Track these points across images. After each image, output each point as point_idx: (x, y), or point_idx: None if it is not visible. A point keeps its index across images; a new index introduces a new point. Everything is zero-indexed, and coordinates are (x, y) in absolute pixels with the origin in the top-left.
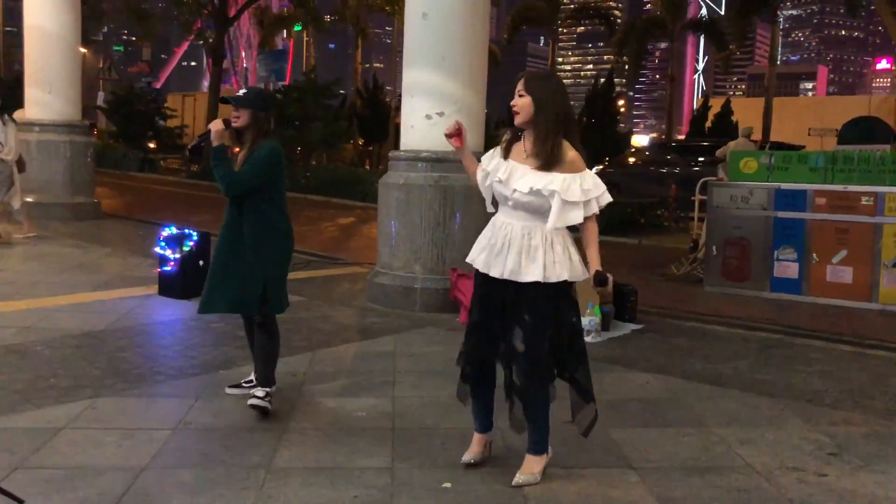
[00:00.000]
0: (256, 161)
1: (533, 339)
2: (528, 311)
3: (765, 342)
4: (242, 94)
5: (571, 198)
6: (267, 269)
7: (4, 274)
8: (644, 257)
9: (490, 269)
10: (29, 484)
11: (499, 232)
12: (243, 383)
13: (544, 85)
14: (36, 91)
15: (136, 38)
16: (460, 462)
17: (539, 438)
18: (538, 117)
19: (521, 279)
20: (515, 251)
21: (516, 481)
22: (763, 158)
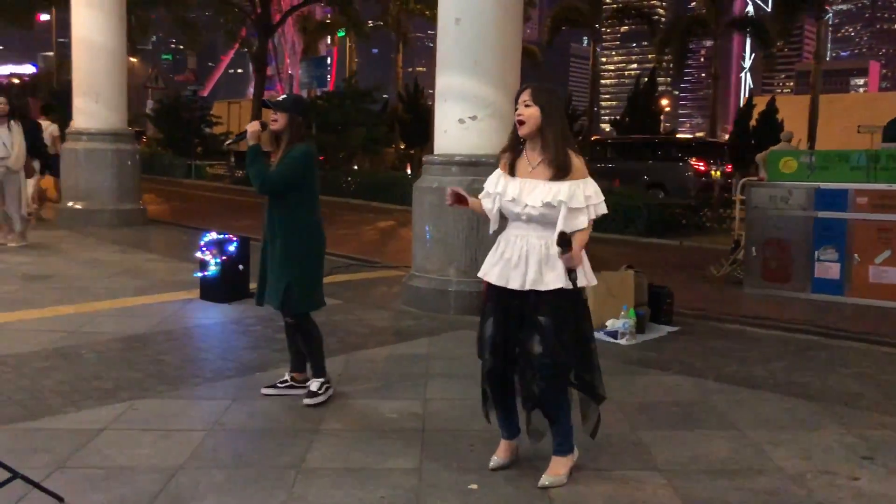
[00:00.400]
0: (289, 162)
1: (552, 342)
2: (547, 316)
3: (803, 344)
4: (281, 99)
5: (576, 204)
6: (292, 267)
7: (53, 280)
8: (685, 259)
9: (508, 281)
10: (69, 483)
11: (513, 245)
12: (278, 384)
13: (550, 97)
14: (83, 100)
15: (182, 47)
16: (489, 467)
17: (563, 439)
18: (547, 128)
19: (543, 288)
20: (535, 262)
21: (542, 483)
22: (803, 158)
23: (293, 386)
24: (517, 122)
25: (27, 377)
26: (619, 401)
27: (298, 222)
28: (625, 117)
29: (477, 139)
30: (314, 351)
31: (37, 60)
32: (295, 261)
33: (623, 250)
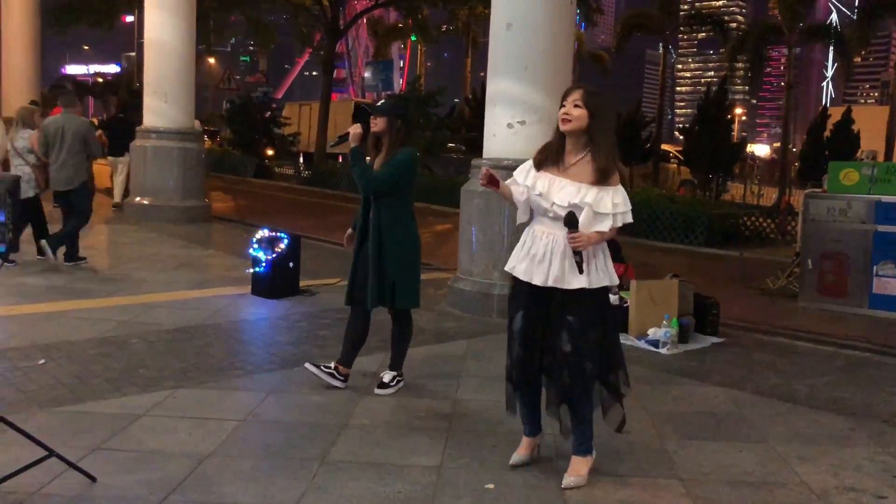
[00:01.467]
0: (395, 164)
1: (579, 341)
2: (574, 315)
3: (851, 360)
4: (381, 103)
5: (602, 210)
6: (400, 266)
7: (114, 272)
8: (743, 270)
9: (532, 277)
10: (104, 464)
11: (539, 241)
12: (322, 366)
13: (603, 102)
14: (153, 100)
15: (258, 49)
16: (509, 463)
17: (585, 440)
18: (598, 134)
19: (567, 286)
20: (559, 259)
21: (566, 483)
22: (865, 170)
23: (333, 375)
24: (562, 119)
25: (78, 363)
26: (650, 409)
27: (403, 223)
28: (694, 126)
29: (525, 144)
30: (404, 345)
31: (121, 60)
32: (402, 259)
33: (680, 260)
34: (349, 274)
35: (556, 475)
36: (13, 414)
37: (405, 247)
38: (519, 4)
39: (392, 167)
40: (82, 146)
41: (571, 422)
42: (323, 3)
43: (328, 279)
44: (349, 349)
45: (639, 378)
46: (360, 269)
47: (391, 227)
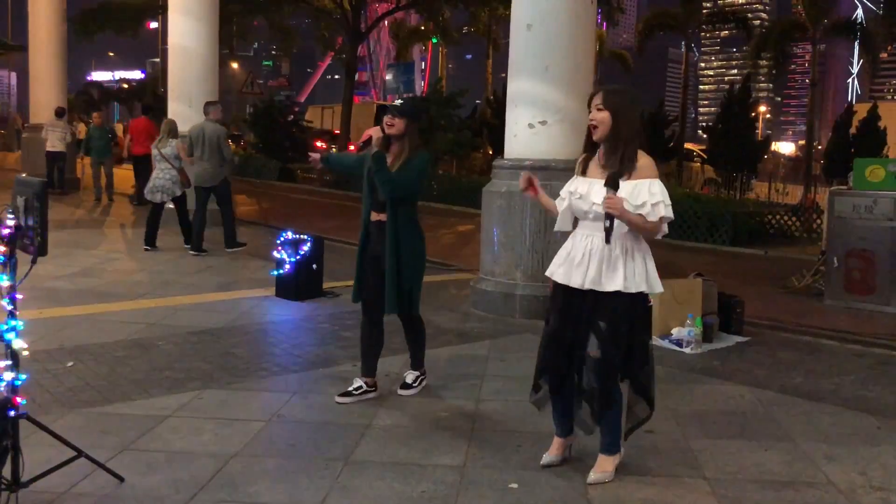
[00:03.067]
0: (417, 168)
1: (608, 345)
2: (605, 319)
3: (879, 359)
4: (399, 104)
5: (636, 201)
6: (415, 270)
7: (141, 275)
8: (768, 268)
9: (570, 279)
10: (131, 464)
11: (579, 244)
12: (353, 391)
13: (621, 98)
14: (177, 104)
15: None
16: (539, 464)
17: (612, 439)
18: (616, 129)
19: (602, 289)
20: (597, 261)
21: (590, 479)
22: (891, 166)
23: (366, 392)
24: (590, 126)
25: (106, 365)
26: (675, 408)
27: (416, 226)
28: (718, 124)
29: (546, 144)
30: (422, 344)
31: (145, 66)
32: (418, 263)
33: (705, 259)
34: (355, 272)
35: (580, 475)
36: (43, 415)
37: (418, 253)
38: (539, 5)
39: (416, 172)
40: (217, 148)
41: (598, 422)
42: (344, 6)
43: (351, 281)
44: (370, 358)
45: (663, 377)
46: (369, 272)
47: (407, 232)
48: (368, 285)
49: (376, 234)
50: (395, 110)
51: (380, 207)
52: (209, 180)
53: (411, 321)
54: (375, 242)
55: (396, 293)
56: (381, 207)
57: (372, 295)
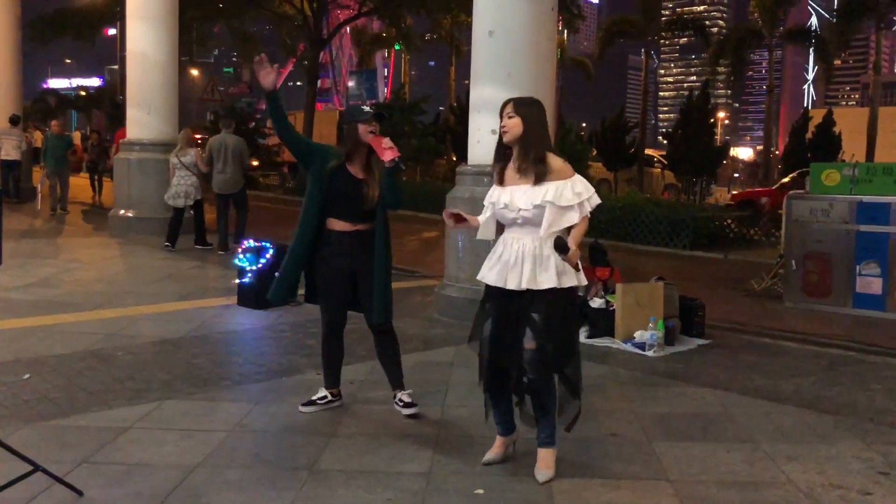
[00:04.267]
0: None
1: (543, 337)
2: (539, 313)
3: (837, 359)
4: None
5: (564, 203)
6: (389, 279)
7: (99, 285)
8: (728, 272)
9: (506, 282)
10: (91, 477)
11: (510, 247)
12: (318, 401)
13: (531, 107)
14: (136, 112)
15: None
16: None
17: (551, 431)
18: (527, 136)
19: (537, 287)
20: (530, 262)
21: (543, 478)
22: (846, 170)
23: (331, 402)
24: (501, 132)
25: (64, 376)
26: (638, 411)
27: (389, 236)
28: (677, 130)
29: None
30: (399, 359)
31: (103, 73)
32: (391, 273)
33: (665, 263)
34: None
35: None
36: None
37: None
38: (500, 12)
39: None
40: (239, 159)
41: (536, 414)
42: (306, 13)
43: None
44: (334, 370)
45: (626, 380)
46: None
47: (387, 241)
48: (336, 298)
49: (350, 245)
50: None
51: (359, 218)
52: (231, 188)
53: (390, 334)
54: (347, 254)
55: (385, 302)
56: (360, 217)
57: (340, 307)
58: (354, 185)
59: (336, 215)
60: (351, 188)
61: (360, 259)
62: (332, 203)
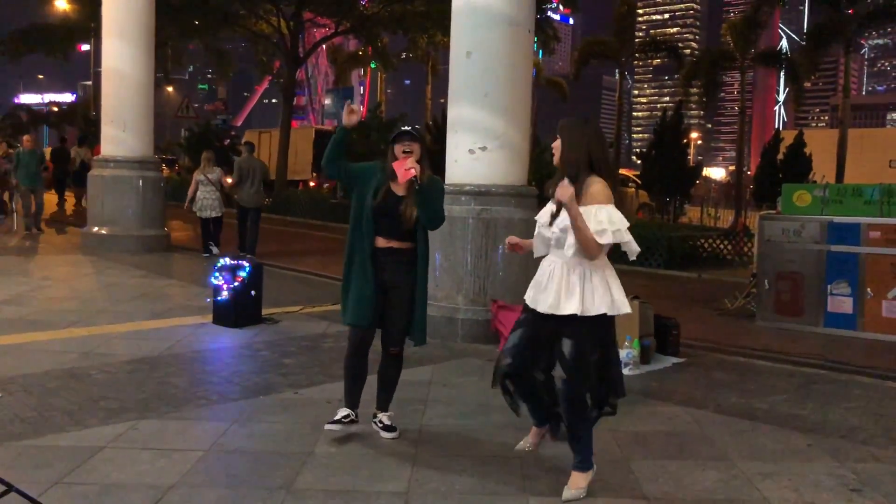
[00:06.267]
0: (441, 195)
1: (572, 370)
2: (568, 344)
3: (809, 378)
4: (417, 129)
5: None
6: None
7: (72, 303)
8: (702, 291)
9: (537, 304)
10: (65, 498)
11: (543, 269)
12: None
13: (574, 129)
14: (111, 129)
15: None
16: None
17: (583, 457)
18: (565, 157)
19: (560, 312)
20: (555, 286)
21: (565, 496)
22: (817, 191)
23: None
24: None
25: (36, 396)
26: (614, 429)
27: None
28: (651, 150)
29: (486, 169)
30: (397, 383)
31: (76, 89)
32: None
33: (640, 282)
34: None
35: (526, 494)
36: None
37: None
38: (478, 33)
39: (441, 197)
40: (263, 178)
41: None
42: (282, 31)
43: (291, 307)
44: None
45: None
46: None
47: (427, 261)
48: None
49: (384, 263)
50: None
51: (396, 235)
52: (255, 203)
53: (400, 357)
54: (385, 270)
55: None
56: (398, 235)
57: (368, 323)
58: (394, 203)
59: (378, 232)
60: (391, 206)
61: (393, 278)
62: (376, 221)
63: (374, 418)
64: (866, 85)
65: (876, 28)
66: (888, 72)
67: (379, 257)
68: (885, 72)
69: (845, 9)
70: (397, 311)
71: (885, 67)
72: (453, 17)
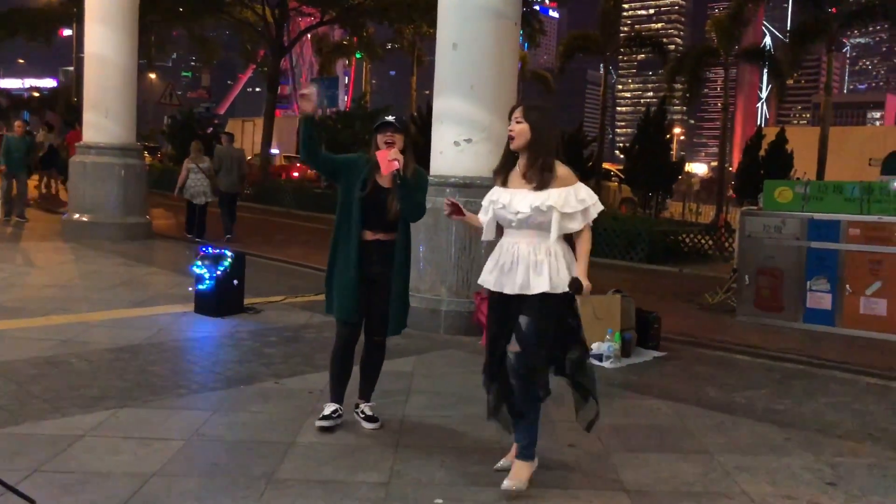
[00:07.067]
0: (424, 185)
1: (528, 342)
2: (528, 316)
3: (787, 372)
4: (399, 119)
5: (568, 209)
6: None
7: (52, 290)
8: (683, 286)
9: (503, 287)
10: (44, 486)
11: (506, 252)
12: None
13: (540, 113)
14: (93, 115)
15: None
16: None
17: (528, 443)
18: (535, 142)
19: (530, 292)
20: (523, 267)
21: (505, 486)
22: (798, 188)
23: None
24: (508, 137)
25: (15, 383)
26: (595, 422)
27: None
28: (634, 145)
29: (471, 162)
30: (379, 374)
31: (58, 75)
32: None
33: (622, 276)
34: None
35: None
36: None
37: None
38: (465, 25)
39: (425, 189)
40: (241, 166)
41: (516, 424)
42: (267, 19)
43: (273, 297)
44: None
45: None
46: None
47: (409, 252)
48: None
49: (369, 255)
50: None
51: (381, 227)
52: (234, 188)
53: (382, 347)
54: (374, 262)
55: (404, 312)
56: (382, 227)
57: (358, 318)
58: (381, 196)
59: (365, 225)
60: (375, 197)
61: (380, 270)
62: (364, 213)
63: (357, 408)
64: (848, 83)
65: (858, 27)
66: (869, 70)
67: (366, 250)
68: (867, 70)
69: (828, 7)
70: (383, 301)
71: (866, 66)
72: (440, 9)
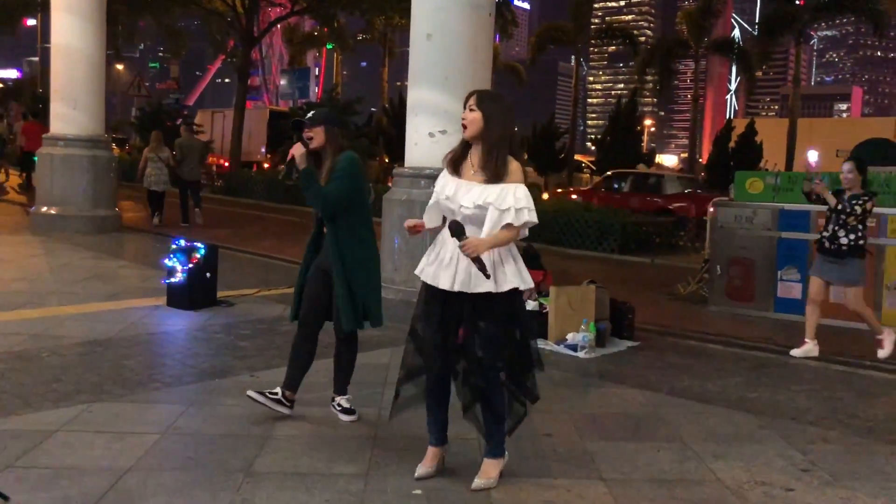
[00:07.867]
0: (341, 173)
1: (491, 345)
2: (485, 320)
3: (759, 361)
4: (313, 114)
5: (503, 206)
6: (364, 286)
7: (21, 284)
8: (655, 276)
9: (438, 281)
10: (17, 482)
11: (447, 245)
12: (268, 393)
13: (494, 104)
14: (61, 106)
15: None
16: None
17: (497, 442)
18: (487, 133)
19: (473, 290)
20: (465, 263)
21: (475, 485)
22: (769, 179)
23: (281, 402)
24: (462, 125)
25: None
26: (571, 412)
27: (361, 238)
28: (606, 137)
29: (446, 153)
30: (353, 366)
31: (22, 65)
32: (365, 274)
33: (595, 267)
34: (296, 288)
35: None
36: None
37: (365, 262)
38: (438, 16)
39: (341, 178)
40: (199, 155)
41: (487, 422)
42: (237, 9)
43: (246, 290)
44: (297, 372)
45: (558, 382)
46: (315, 287)
47: (352, 246)
48: (309, 298)
49: (326, 248)
50: (310, 122)
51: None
52: (194, 177)
53: (350, 337)
54: (325, 256)
55: (352, 309)
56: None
57: (312, 309)
58: None
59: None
60: None
61: (325, 263)
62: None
63: (333, 402)
64: (815, 75)
65: (825, 20)
66: (836, 63)
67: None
68: (833, 63)
69: (796, 0)
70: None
71: (833, 59)
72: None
